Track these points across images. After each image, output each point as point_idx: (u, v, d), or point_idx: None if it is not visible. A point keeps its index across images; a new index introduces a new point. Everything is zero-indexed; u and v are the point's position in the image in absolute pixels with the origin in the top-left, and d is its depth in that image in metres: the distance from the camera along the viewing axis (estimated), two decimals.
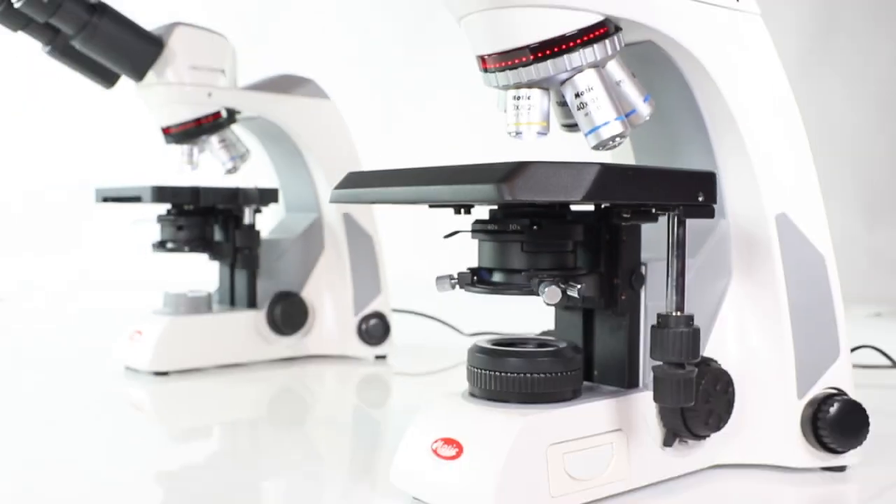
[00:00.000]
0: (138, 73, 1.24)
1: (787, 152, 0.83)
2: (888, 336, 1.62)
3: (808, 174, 0.84)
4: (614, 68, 0.74)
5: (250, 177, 1.43)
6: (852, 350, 1.00)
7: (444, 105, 3.08)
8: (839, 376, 0.83)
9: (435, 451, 0.69)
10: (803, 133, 0.84)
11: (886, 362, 1.28)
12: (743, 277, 0.83)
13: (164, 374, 1.28)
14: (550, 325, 0.85)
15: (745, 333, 0.82)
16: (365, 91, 3.07)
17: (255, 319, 1.37)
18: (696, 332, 0.70)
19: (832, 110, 3.24)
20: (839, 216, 2.90)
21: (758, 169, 0.80)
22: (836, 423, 0.79)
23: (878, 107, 3.34)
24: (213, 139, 1.32)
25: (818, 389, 0.82)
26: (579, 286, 0.68)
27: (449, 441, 0.69)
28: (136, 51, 1.22)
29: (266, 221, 1.47)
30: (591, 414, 0.71)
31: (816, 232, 0.83)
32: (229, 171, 1.34)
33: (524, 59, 0.70)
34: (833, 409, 0.79)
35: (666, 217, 0.71)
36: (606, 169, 0.62)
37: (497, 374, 0.70)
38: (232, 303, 1.43)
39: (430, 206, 0.74)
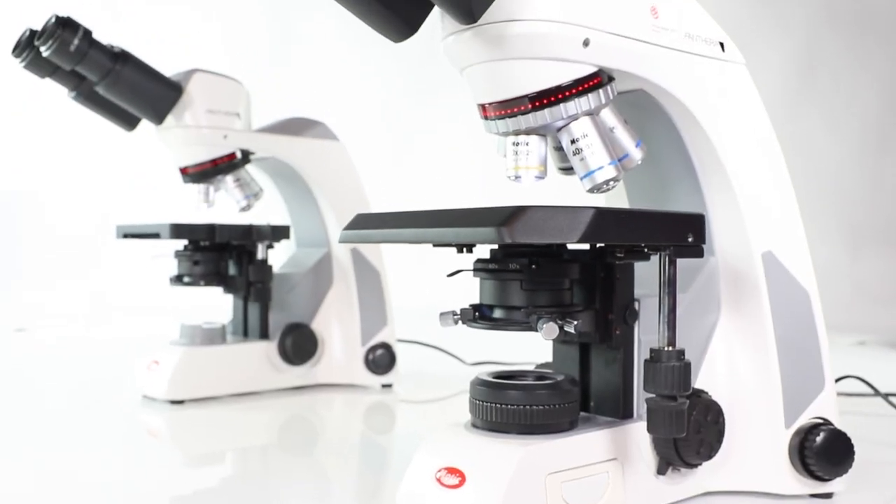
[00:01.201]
0: (158, 117, 1.30)
1: (772, 193, 0.87)
2: (872, 364, 1.65)
3: (793, 214, 0.88)
4: (608, 115, 0.78)
5: (263, 214, 1.48)
6: (837, 380, 1.03)
7: (447, 143, 3.14)
8: (825, 406, 0.87)
9: (439, 480, 0.72)
10: (787, 174, 0.89)
11: (870, 391, 1.33)
12: (731, 312, 0.87)
13: (180, 402, 1.32)
14: (548, 357, 0.89)
15: (734, 366, 0.86)
16: (372, 129, 3.13)
17: (266, 350, 1.42)
18: (687, 366, 0.74)
19: (815, 147, 3.31)
20: (824, 248, 2.96)
21: (744, 209, 0.85)
22: (822, 452, 0.83)
23: (859, 143, 3.42)
24: (229, 179, 1.37)
25: (805, 419, 0.85)
26: (576, 322, 0.73)
27: (452, 470, 0.72)
28: (157, 96, 1.28)
29: (278, 256, 1.52)
30: (588, 444, 0.75)
31: (801, 269, 0.88)
32: (243, 209, 1.39)
33: (523, 108, 0.74)
34: (819, 439, 0.83)
35: (658, 256, 0.75)
36: (600, 212, 0.66)
37: (498, 406, 0.74)
38: (245, 334, 1.47)
39: (434, 246, 0.78)
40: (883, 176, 3.45)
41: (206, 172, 1.34)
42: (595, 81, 0.75)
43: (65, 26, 1.19)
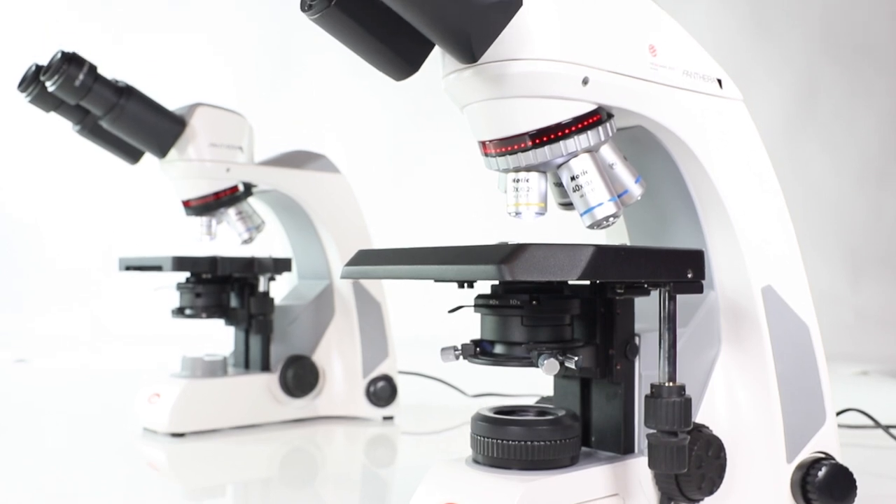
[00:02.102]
0: (162, 151, 1.31)
1: (771, 228, 0.88)
2: (874, 395, 1.65)
3: (792, 248, 0.89)
4: (607, 152, 0.79)
5: (265, 246, 1.49)
6: (838, 413, 1.03)
7: (448, 173, 3.16)
8: (826, 441, 0.87)
9: None
10: (785, 209, 0.89)
11: (872, 423, 1.33)
12: (732, 346, 0.87)
13: (181, 435, 1.32)
14: (549, 390, 0.89)
15: (735, 400, 0.86)
16: (373, 159, 3.16)
17: (268, 382, 1.42)
18: (688, 401, 0.74)
19: (815, 175, 3.34)
20: (825, 276, 2.98)
21: (743, 243, 0.85)
22: (824, 487, 0.83)
23: (859, 171, 3.45)
24: (231, 211, 1.38)
25: (806, 454, 0.85)
26: (576, 358, 0.73)
27: None
28: (160, 130, 1.29)
29: (279, 288, 1.52)
30: (590, 479, 0.75)
31: (800, 303, 0.88)
32: (245, 242, 1.40)
33: (523, 146, 0.75)
34: (821, 474, 0.83)
35: (657, 291, 0.76)
36: (600, 250, 0.67)
37: (499, 441, 0.74)
38: (246, 366, 1.47)
39: (436, 282, 0.79)
40: (883, 204, 3.47)
41: (208, 205, 1.35)
42: (594, 119, 0.75)
43: (70, 61, 1.21)
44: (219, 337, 1.73)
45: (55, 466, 1.17)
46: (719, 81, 0.85)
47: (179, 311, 1.42)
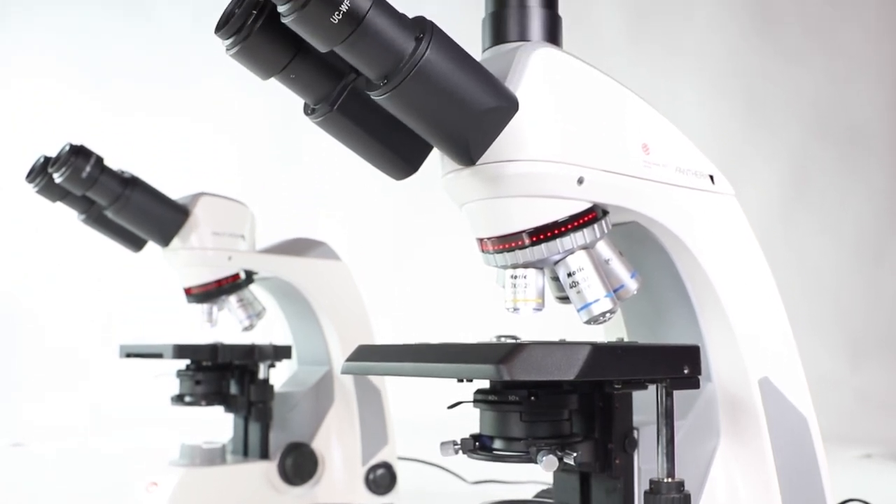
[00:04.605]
0: (165, 240, 1.33)
1: (766, 320, 0.89)
2: (877, 480, 1.63)
3: (787, 339, 0.90)
4: (603, 248, 0.81)
5: (265, 332, 1.50)
6: None
7: (448, 259, 3.18)
8: None
9: None
10: (780, 301, 0.91)
11: None
12: (731, 438, 0.88)
13: None
14: (549, 480, 0.89)
15: (735, 492, 0.86)
16: (374, 241, 3.18)
17: (266, 470, 1.40)
18: (687, 497, 0.74)
19: (812, 256, 3.37)
20: (825, 358, 2.97)
21: (739, 336, 0.86)
22: None
23: (855, 252, 3.48)
24: (232, 299, 1.39)
25: None
26: (575, 454, 0.73)
27: None
28: (164, 219, 1.31)
29: (279, 374, 1.53)
30: None
31: (798, 395, 0.89)
32: (246, 329, 1.41)
33: (521, 243, 0.76)
34: None
35: (655, 387, 0.76)
36: (597, 349, 0.68)
37: None
38: (245, 453, 1.47)
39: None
40: (880, 284, 3.49)
41: (210, 293, 1.37)
42: (590, 216, 0.77)
43: (78, 154, 1.24)
44: (218, 421, 1.72)
45: None
46: (711, 177, 0.87)
47: (179, 399, 1.42)
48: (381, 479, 1.45)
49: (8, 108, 3.20)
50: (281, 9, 0.63)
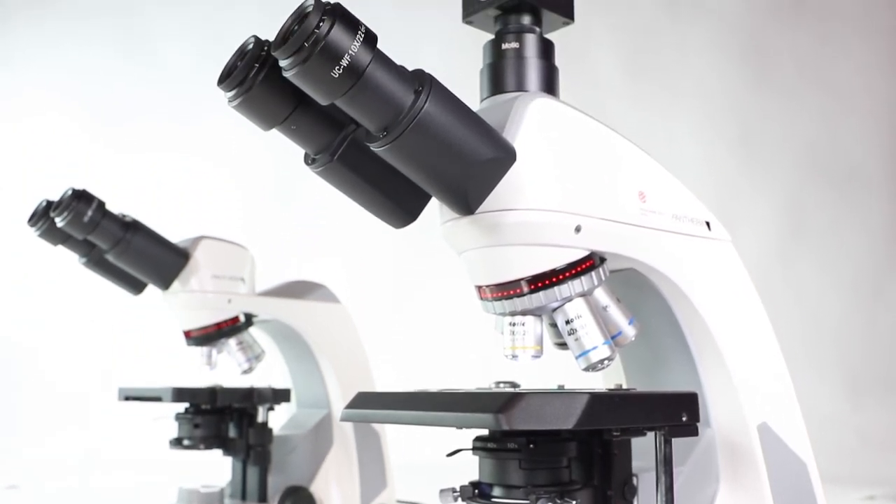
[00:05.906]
0: (165, 283, 1.34)
1: (764, 365, 0.90)
2: None
3: (785, 385, 0.90)
4: (601, 295, 0.81)
5: (264, 374, 1.50)
6: None
7: (448, 301, 3.17)
8: None
9: None
10: (777, 346, 0.91)
11: None
12: (730, 484, 0.87)
13: None
14: None
15: None
16: (373, 284, 3.19)
17: None
18: None
19: (810, 295, 3.37)
20: (825, 397, 2.96)
21: (737, 381, 0.87)
22: None
23: (853, 290, 3.48)
24: (231, 342, 1.40)
25: None
26: (575, 501, 0.73)
27: None
28: (165, 263, 1.32)
29: (278, 417, 1.52)
30: None
31: (796, 440, 0.89)
32: (245, 372, 1.41)
33: (519, 291, 0.77)
34: None
35: (653, 434, 0.77)
36: (594, 398, 0.68)
37: None
38: (244, 497, 1.45)
39: None
40: (879, 322, 3.48)
41: (209, 336, 1.37)
42: (588, 264, 0.78)
43: (80, 198, 1.25)
44: (216, 464, 1.71)
45: None
46: (707, 224, 0.88)
47: (177, 442, 1.42)
48: None
49: (11, 147, 3.22)
50: (282, 63, 0.64)
